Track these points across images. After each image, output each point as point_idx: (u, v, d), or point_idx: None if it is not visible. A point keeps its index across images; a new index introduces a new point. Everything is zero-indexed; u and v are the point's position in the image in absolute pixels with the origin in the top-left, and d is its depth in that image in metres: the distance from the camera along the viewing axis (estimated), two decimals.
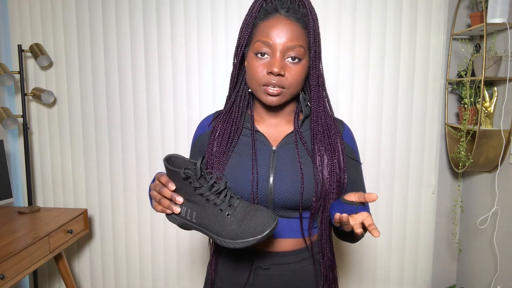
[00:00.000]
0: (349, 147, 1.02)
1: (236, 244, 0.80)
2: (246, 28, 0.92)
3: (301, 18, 0.90)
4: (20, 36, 2.15)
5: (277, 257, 0.97)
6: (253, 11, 0.91)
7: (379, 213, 2.13)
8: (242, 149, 0.97)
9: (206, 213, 0.81)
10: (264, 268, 0.97)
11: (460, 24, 2.05)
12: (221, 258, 1.03)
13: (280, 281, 0.98)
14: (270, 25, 0.88)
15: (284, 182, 0.92)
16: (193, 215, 0.82)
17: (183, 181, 0.81)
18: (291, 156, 0.95)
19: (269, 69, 0.88)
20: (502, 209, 1.85)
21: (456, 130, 2.03)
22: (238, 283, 0.99)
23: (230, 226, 0.80)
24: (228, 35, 2.07)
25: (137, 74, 2.13)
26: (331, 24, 2.02)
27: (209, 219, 0.81)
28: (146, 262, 2.26)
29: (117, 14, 2.10)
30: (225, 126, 0.98)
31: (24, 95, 2.06)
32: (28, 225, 1.81)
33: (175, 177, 0.82)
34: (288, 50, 0.88)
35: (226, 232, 0.80)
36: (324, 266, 0.99)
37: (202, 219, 0.82)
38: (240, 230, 0.79)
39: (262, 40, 0.88)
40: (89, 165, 2.22)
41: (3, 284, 1.43)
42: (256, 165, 0.93)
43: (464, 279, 2.18)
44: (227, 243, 0.80)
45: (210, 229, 0.82)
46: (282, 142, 0.97)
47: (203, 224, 0.82)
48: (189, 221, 0.83)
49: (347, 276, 2.19)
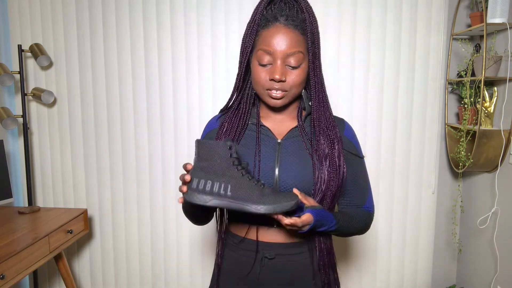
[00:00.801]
0: (350, 143, 1.07)
1: (274, 208, 0.85)
2: (249, 36, 0.98)
3: (300, 24, 0.96)
4: (20, 36, 2.15)
5: (283, 247, 1.02)
6: (255, 19, 0.97)
7: (379, 213, 2.13)
8: (248, 142, 1.04)
9: (242, 185, 0.86)
10: (270, 258, 1.02)
11: (460, 24, 2.05)
12: (227, 249, 1.08)
13: (284, 271, 1.03)
14: (270, 34, 0.95)
15: (289, 172, 0.99)
16: (228, 188, 0.86)
17: (222, 155, 0.86)
18: (295, 148, 1.02)
19: (271, 76, 0.95)
20: (502, 209, 1.85)
21: (456, 130, 2.03)
22: (243, 272, 1.04)
23: (267, 194, 0.87)
24: (228, 35, 2.06)
25: (137, 74, 2.13)
26: (331, 24, 2.02)
27: (245, 190, 0.86)
28: (146, 262, 2.26)
29: (117, 14, 2.10)
30: (233, 122, 1.06)
31: (24, 95, 2.06)
32: (28, 225, 1.81)
33: (214, 151, 0.87)
34: (288, 56, 0.95)
35: (263, 199, 0.86)
36: (322, 256, 1.04)
37: (238, 191, 0.86)
38: (277, 198, 0.86)
39: (264, 49, 0.95)
40: (89, 165, 2.22)
41: (3, 284, 1.43)
42: (259, 155, 1.00)
43: (464, 279, 2.18)
44: (265, 208, 0.85)
45: (247, 198, 0.86)
46: (286, 136, 1.04)
47: (239, 196, 0.86)
48: (223, 195, 0.87)
49: (347, 276, 2.19)
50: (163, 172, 2.18)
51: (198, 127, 2.14)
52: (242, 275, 1.05)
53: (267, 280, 1.03)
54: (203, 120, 2.13)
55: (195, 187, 0.88)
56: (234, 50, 2.06)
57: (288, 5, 0.96)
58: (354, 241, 2.17)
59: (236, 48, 2.06)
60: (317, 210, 0.92)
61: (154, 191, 2.20)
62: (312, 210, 0.91)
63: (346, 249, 2.18)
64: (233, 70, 2.08)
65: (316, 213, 0.91)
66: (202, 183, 0.87)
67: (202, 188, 0.87)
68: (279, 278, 1.03)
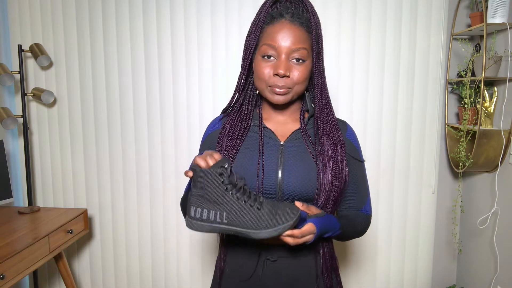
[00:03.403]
0: (352, 145, 1.07)
1: (272, 233, 0.85)
2: (254, 33, 0.98)
3: (305, 22, 0.96)
4: (20, 36, 2.15)
5: (285, 250, 1.02)
6: (260, 16, 0.97)
7: (379, 213, 2.13)
8: (251, 144, 1.03)
9: (237, 211, 0.86)
10: (272, 260, 1.02)
11: (460, 24, 2.05)
12: (230, 251, 1.07)
13: (287, 273, 1.02)
14: (275, 29, 0.94)
15: (292, 175, 0.98)
16: (223, 216, 0.87)
17: (213, 183, 0.86)
18: (298, 150, 1.01)
19: (275, 71, 0.94)
20: (502, 209, 1.85)
21: (456, 130, 2.03)
22: (246, 275, 1.04)
23: (264, 218, 0.86)
24: (228, 35, 2.06)
25: (137, 74, 2.13)
26: (331, 24, 2.02)
27: (241, 216, 0.86)
28: (146, 262, 2.26)
29: (117, 14, 2.10)
30: (235, 123, 1.05)
31: (24, 95, 2.06)
32: (28, 225, 1.81)
33: (206, 179, 0.87)
34: (292, 52, 0.94)
35: (261, 224, 0.86)
36: (325, 260, 1.04)
37: (233, 218, 0.86)
38: (274, 220, 0.86)
39: (269, 44, 0.94)
40: (89, 165, 2.22)
41: (3, 284, 1.43)
42: (262, 158, 0.99)
43: (464, 279, 2.18)
44: (263, 233, 0.85)
45: (243, 225, 0.86)
46: (289, 138, 1.03)
47: (235, 223, 0.86)
48: (219, 223, 0.87)
49: (347, 275, 2.19)
50: (163, 172, 2.18)
51: (198, 127, 2.14)
52: (244, 278, 1.04)
53: (269, 282, 1.02)
54: (203, 120, 2.13)
55: (192, 215, 0.89)
56: (234, 50, 2.06)
57: (294, 4, 0.96)
58: (354, 241, 2.17)
59: (236, 48, 2.06)
60: (320, 218, 0.91)
61: (154, 191, 2.20)
62: (315, 219, 0.90)
63: (346, 249, 2.18)
64: (233, 70, 2.08)
65: (318, 221, 0.90)
66: (199, 212, 0.88)
67: (199, 217, 0.88)
68: (281, 280, 1.02)
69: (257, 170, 0.98)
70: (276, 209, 0.87)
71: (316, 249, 1.04)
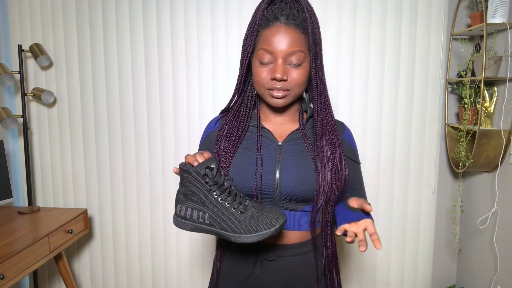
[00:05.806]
0: (350, 146, 1.07)
1: (251, 238, 0.84)
2: (250, 36, 0.97)
3: (301, 23, 0.94)
4: (20, 36, 2.15)
5: (282, 249, 1.02)
6: (256, 19, 0.96)
7: (379, 213, 2.13)
8: (249, 144, 1.02)
9: (219, 213, 0.86)
10: (270, 260, 1.02)
11: (460, 24, 2.05)
12: (227, 251, 1.07)
13: (284, 272, 1.02)
14: (271, 33, 0.94)
15: (290, 175, 0.98)
16: (205, 217, 0.86)
17: (198, 183, 0.85)
18: (296, 151, 1.01)
19: (272, 76, 0.94)
20: (502, 209, 1.85)
21: (456, 130, 2.03)
22: (243, 274, 1.03)
23: (245, 222, 0.85)
24: (228, 35, 2.07)
25: (137, 74, 2.13)
26: (331, 24, 2.02)
27: (223, 218, 0.86)
28: (146, 262, 2.26)
29: (117, 14, 2.10)
30: (233, 124, 1.04)
31: (24, 95, 2.06)
32: (28, 225, 1.81)
33: (191, 178, 0.86)
34: (289, 55, 0.93)
35: (241, 228, 0.85)
36: (327, 257, 1.04)
37: (215, 219, 0.86)
38: (254, 225, 0.85)
39: (265, 48, 0.94)
40: (89, 165, 2.22)
41: (3, 284, 1.43)
42: (260, 158, 0.99)
43: (464, 279, 2.18)
44: (242, 238, 0.85)
45: (224, 227, 0.86)
46: (287, 138, 1.03)
47: (217, 224, 0.86)
48: (201, 223, 0.87)
49: (347, 275, 2.19)
50: (163, 172, 2.18)
51: (198, 127, 2.14)
52: (242, 278, 1.04)
53: (267, 282, 1.02)
54: (203, 120, 2.13)
55: (178, 212, 0.90)
56: (234, 50, 2.06)
57: (289, 5, 0.95)
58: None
59: (236, 48, 2.06)
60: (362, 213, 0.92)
61: (154, 191, 2.20)
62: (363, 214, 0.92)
63: (346, 249, 2.18)
64: (233, 70, 2.08)
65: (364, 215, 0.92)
66: (183, 210, 0.89)
67: (183, 215, 0.89)
68: (279, 280, 1.02)
69: (255, 170, 0.98)
70: (260, 214, 0.86)
71: (317, 249, 1.04)
